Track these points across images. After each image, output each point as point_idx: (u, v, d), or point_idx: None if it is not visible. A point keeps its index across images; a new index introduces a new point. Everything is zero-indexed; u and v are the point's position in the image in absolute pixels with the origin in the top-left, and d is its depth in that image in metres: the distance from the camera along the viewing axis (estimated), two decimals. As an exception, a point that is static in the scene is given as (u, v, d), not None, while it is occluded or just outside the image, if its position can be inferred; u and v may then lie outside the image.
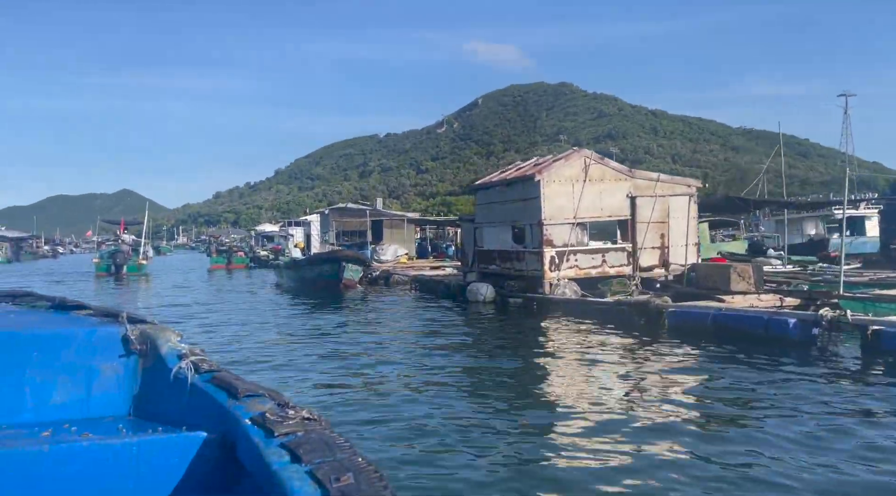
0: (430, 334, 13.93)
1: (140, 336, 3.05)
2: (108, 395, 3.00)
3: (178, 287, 29.40)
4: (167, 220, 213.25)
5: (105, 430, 2.62)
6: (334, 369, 10.33)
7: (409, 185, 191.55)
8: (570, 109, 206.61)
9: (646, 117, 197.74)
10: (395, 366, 10.50)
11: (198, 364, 2.81)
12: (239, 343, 13.41)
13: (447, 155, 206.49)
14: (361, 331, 14.74)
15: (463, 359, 11.45)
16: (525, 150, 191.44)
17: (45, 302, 3.90)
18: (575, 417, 7.24)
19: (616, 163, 17.35)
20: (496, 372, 10.13)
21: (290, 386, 8.98)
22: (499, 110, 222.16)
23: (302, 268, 24.93)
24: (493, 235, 19.05)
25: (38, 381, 2.88)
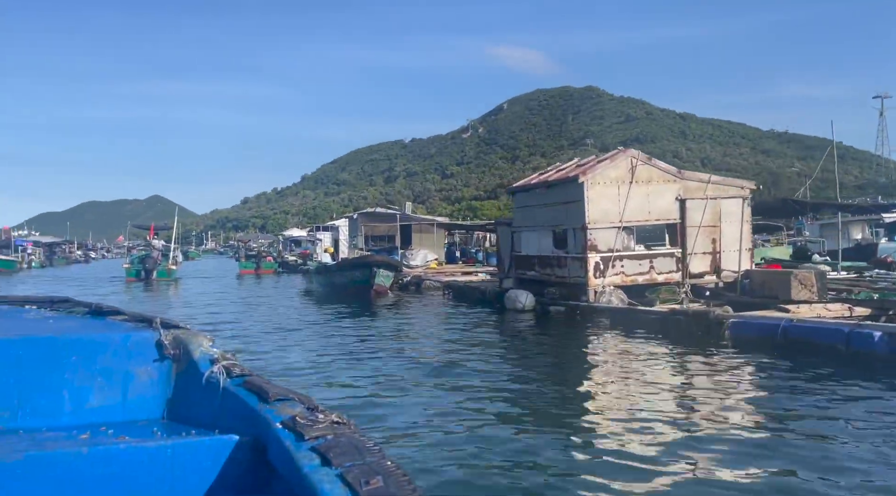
0: (467, 343, 13.15)
1: (173, 341, 3.11)
2: (142, 399, 3.05)
3: (207, 292, 28.99)
4: (196, 225, 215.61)
5: (140, 433, 2.67)
6: (366, 378, 9.79)
7: (435, 190, 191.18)
8: (596, 113, 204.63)
9: (674, 121, 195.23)
10: (430, 376, 9.88)
11: (229, 368, 2.84)
12: (270, 349, 12.85)
13: (472, 160, 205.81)
14: (394, 339, 14.03)
15: (502, 370, 10.70)
16: (551, 154, 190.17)
17: (82, 307, 3.94)
18: (626, 440, 6.39)
19: (664, 163, 16.42)
20: (538, 385, 9.38)
21: (322, 393, 8.34)
22: (524, 115, 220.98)
23: (332, 273, 24.30)
24: (533, 240, 18.20)
25: (76, 385, 2.94)
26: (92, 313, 3.81)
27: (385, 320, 17.43)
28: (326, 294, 24.45)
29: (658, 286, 15.90)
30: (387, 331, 15.27)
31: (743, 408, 7.72)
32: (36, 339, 2.98)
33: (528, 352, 12.31)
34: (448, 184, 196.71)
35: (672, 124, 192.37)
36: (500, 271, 20.27)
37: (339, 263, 25.00)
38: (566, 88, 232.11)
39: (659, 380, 9.35)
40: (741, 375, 9.42)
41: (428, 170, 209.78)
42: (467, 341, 13.41)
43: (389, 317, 18.25)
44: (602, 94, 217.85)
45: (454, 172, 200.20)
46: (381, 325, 16.23)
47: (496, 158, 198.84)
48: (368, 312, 19.77)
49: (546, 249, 17.56)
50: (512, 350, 12.66)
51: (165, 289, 32.85)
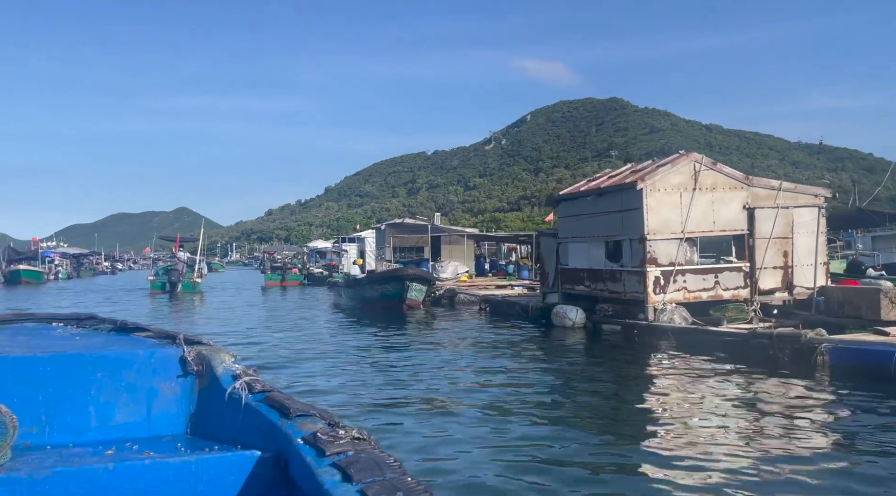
0: (514, 364, 11.81)
1: (197, 357, 3.16)
2: (167, 414, 3.08)
3: (232, 306, 27.87)
4: (221, 236, 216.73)
5: (164, 449, 2.71)
6: (405, 402, 8.85)
7: (457, 202, 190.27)
8: (620, 124, 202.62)
9: (700, 132, 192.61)
10: (474, 402, 8.75)
11: (251, 384, 2.86)
12: (299, 368, 11.68)
13: (495, 171, 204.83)
14: (432, 358, 12.69)
15: (553, 397, 9.44)
16: (574, 166, 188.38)
17: (108, 324, 3.98)
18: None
19: (730, 168, 14.92)
20: (597, 419, 8.11)
21: (360, 421, 7.15)
22: (547, 126, 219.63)
23: (363, 287, 23.02)
24: (581, 252, 16.76)
25: (101, 401, 2.99)
26: (117, 330, 3.85)
27: (421, 337, 16.07)
28: (356, 308, 23.19)
29: (724, 303, 14.37)
30: (424, 350, 13.94)
31: (851, 462, 6.18)
32: (63, 356, 3.00)
33: (582, 378, 10.88)
34: (471, 195, 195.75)
35: (698, 135, 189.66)
36: (543, 285, 18.83)
37: (369, 276, 23.69)
38: (589, 100, 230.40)
39: (740, 416, 7.91)
40: (845, 417, 7.84)
41: (451, 182, 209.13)
42: (514, 362, 12.04)
43: (425, 333, 16.89)
44: (626, 105, 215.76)
45: (477, 184, 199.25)
46: (416, 343, 14.89)
47: (519, 170, 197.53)
48: (402, 328, 18.43)
49: (597, 262, 16.10)
50: (565, 374, 11.25)
51: (190, 302, 31.86)
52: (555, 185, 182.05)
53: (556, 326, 16.43)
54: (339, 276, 43.77)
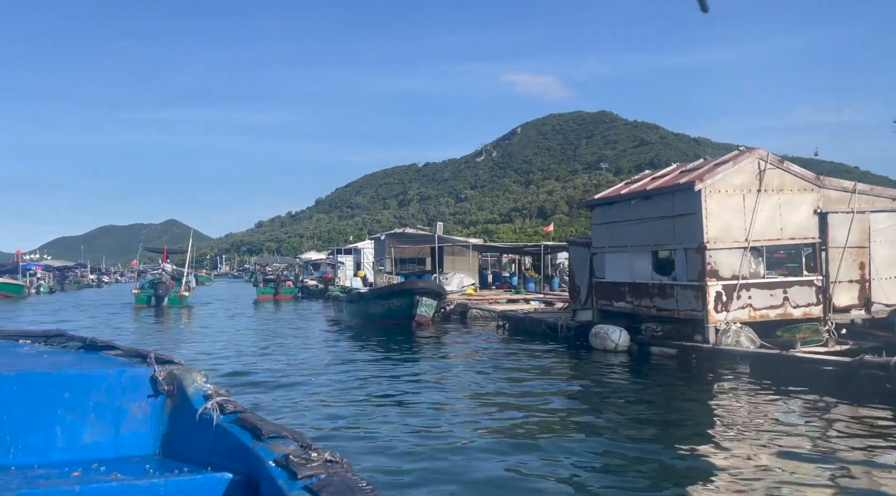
0: (558, 405, 9.69)
1: (168, 377, 3.05)
2: (136, 435, 3.00)
3: (222, 322, 25.50)
4: (210, 248, 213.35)
5: (133, 470, 2.63)
6: (426, 439, 7.47)
7: (448, 214, 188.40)
8: (609, 137, 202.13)
9: (689, 145, 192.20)
10: (507, 443, 7.32)
11: (223, 404, 2.78)
12: (300, 398, 9.77)
13: (486, 183, 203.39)
14: (452, 387, 10.60)
15: (603, 442, 7.47)
16: (565, 178, 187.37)
17: (76, 342, 3.90)
18: None
19: (798, 167, 12.93)
20: (659, 470, 6.27)
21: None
22: (538, 139, 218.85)
23: (367, 302, 20.78)
24: (621, 263, 14.67)
25: (68, 421, 2.90)
26: (86, 348, 3.76)
27: (436, 363, 13.88)
28: (359, 325, 20.95)
29: (793, 323, 12.32)
30: (440, 376, 11.83)
31: None
32: (29, 375, 2.93)
33: (637, 415, 8.83)
34: (462, 207, 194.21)
35: (687, 148, 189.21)
36: (573, 301, 16.70)
37: (374, 290, 21.43)
38: (579, 113, 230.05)
39: (850, 468, 5.89)
40: None
41: (442, 193, 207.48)
42: (556, 399, 9.93)
43: (440, 358, 14.68)
44: (615, 118, 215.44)
45: (468, 196, 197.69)
46: (431, 371, 12.74)
47: (510, 182, 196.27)
48: (413, 351, 16.24)
49: (642, 275, 14.01)
50: (614, 409, 9.22)
51: (177, 317, 29.48)
52: (545, 198, 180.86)
53: (594, 349, 14.31)
54: (337, 290, 41.47)
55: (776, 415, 8.53)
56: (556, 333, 16.22)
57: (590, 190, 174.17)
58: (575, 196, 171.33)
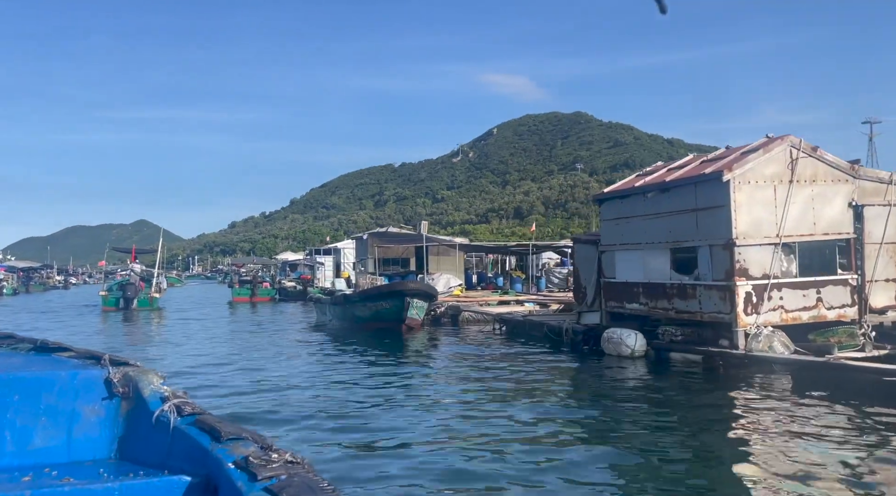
0: (566, 413, 8.55)
1: (123, 378, 2.97)
2: (90, 439, 2.91)
3: (196, 325, 23.83)
4: (183, 249, 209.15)
5: (87, 475, 2.56)
6: (434, 465, 6.41)
7: (425, 214, 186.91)
8: (585, 138, 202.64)
9: (662, 146, 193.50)
10: (521, 467, 6.35)
11: (181, 406, 2.70)
12: (289, 416, 8.36)
13: (462, 184, 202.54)
14: (457, 401, 9.30)
15: (634, 460, 6.47)
16: (541, 178, 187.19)
17: (27, 344, 3.79)
18: None
19: (831, 155, 11.86)
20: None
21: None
22: (514, 139, 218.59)
23: (354, 304, 19.35)
24: (634, 262, 13.49)
25: (18, 425, 2.81)
26: (37, 350, 3.64)
27: (432, 371, 12.56)
28: (344, 329, 19.52)
29: (827, 326, 11.24)
30: (442, 387, 10.55)
31: None
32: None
33: (665, 430, 7.72)
34: (439, 208, 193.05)
35: (660, 149, 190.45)
36: (578, 303, 15.48)
37: (362, 292, 19.99)
38: (555, 114, 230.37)
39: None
40: None
41: (418, 194, 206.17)
42: (564, 405, 8.78)
43: (436, 366, 13.34)
44: (590, 119, 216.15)
45: (445, 196, 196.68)
46: (428, 382, 11.47)
47: (486, 183, 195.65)
48: (405, 357, 14.92)
49: (659, 274, 12.84)
50: (638, 425, 8.07)
51: (147, 320, 27.73)
52: (522, 198, 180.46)
53: (605, 355, 13.10)
54: (316, 291, 39.89)
55: (824, 431, 7.39)
56: (561, 338, 14.99)
57: (565, 190, 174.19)
58: (551, 197, 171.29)
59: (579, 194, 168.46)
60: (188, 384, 10.45)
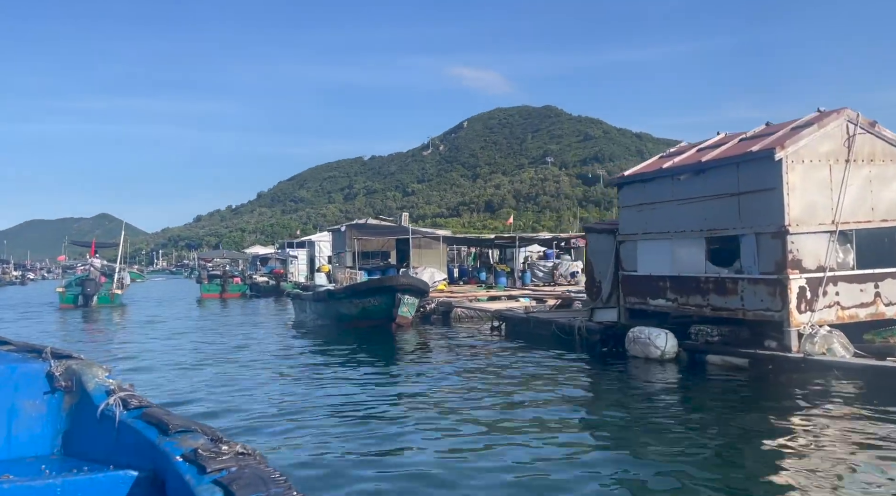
0: (594, 429, 7.09)
1: (65, 372, 2.89)
2: (31, 434, 2.82)
3: (162, 323, 21.75)
4: (146, 243, 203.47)
5: (28, 471, 2.48)
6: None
7: (396, 208, 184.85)
8: (555, 132, 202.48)
9: (631, 140, 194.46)
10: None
11: (127, 400, 2.60)
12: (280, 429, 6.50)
13: (433, 177, 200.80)
14: (459, 423, 7.67)
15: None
16: (512, 172, 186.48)
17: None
18: None
19: (891, 132, 10.54)
20: None
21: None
22: (484, 133, 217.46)
23: (338, 301, 17.57)
24: (661, 253, 12.02)
25: None
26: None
27: (433, 378, 10.92)
28: (327, 328, 17.75)
29: (886, 325, 9.93)
30: (444, 401, 8.94)
31: None
32: None
33: (714, 451, 6.24)
34: (409, 201, 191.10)
35: (629, 143, 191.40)
36: (591, 298, 13.99)
37: (348, 287, 18.17)
38: (525, 107, 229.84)
39: None
40: None
41: (388, 187, 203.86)
42: (589, 418, 7.25)
43: (432, 372, 11.70)
44: (560, 113, 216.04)
45: (415, 190, 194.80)
46: (425, 386, 9.90)
47: (457, 176, 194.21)
48: (398, 361, 13.26)
49: (691, 267, 11.39)
50: (683, 444, 6.61)
51: (108, 318, 25.54)
52: (493, 192, 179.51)
53: (629, 357, 11.62)
54: (290, 286, 37.86)
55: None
56: (572, 337, 13.48)
57: (536, 184, 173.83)
58: (522, 190, 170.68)
59: (550, 188, 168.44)
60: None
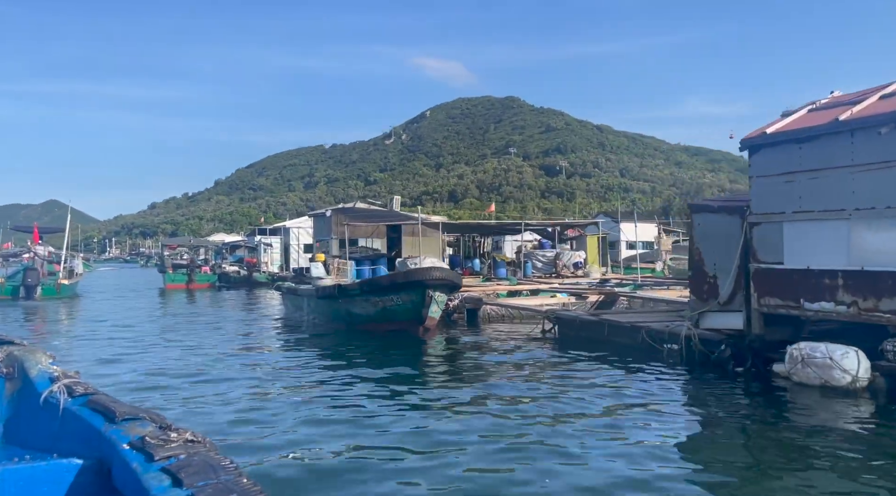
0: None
1: (6, 358, 2.80)
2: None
3: (118, 320, 17.47)
4: (98, 231, 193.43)
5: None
6: None
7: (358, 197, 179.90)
8: (517, 123, 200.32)
9: (592, 132, 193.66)
10: None
11: (72, 387, 2.49)
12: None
13: (396, 166, 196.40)
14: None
15: None
16: (475, 162, 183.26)
17: None
18: None
19: None
20: None
21: None
22: (447, 123, 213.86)
23: (351, 298, 13.64)
24: (829, 238, 8.63)
25: None
26: None
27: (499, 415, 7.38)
28: (333, 331, 13.96)
29: None
30: (534, 459, 5.43)
31: None
32: None
33: None
34: (371, 190, 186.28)
35: (591, 135, 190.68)
36: (700, 298, 10.56)
37: (366, 282, 14.04)
38: (487, 98, 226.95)
39: None
40: None
41: (350, 176, 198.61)
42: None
43: (493, 392, 8.13)
44: (523, 104, 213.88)
45: (378, 179, 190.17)
46: (501, 434, 6.36)
47: (420, 165, 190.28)
48: (442, 379, 9.63)
49: (882, 258, 8.04)
50: None
51: (54, 313, 21.18)
52: (456, 182, 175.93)
53: (797, 384, 8.24)
54: (261, 277, 33.65)
55: None
56: (674, 349, 10.06)
57: (499, 174, 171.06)
58: (485, 180, 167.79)
59: (513, 178, 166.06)
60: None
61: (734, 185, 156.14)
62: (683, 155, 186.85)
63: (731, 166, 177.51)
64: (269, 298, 26.25)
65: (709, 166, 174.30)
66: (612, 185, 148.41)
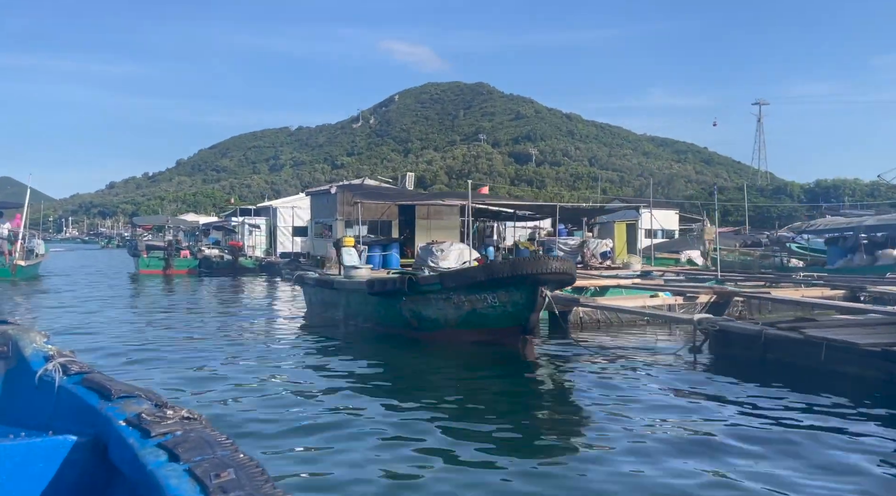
0: None
1: (1, 337, 2.77)
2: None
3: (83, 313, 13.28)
4: (54, 210, 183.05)
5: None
6: None
7: (325, 181, 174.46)
8: (487, 109, 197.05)
9: (561, 120, 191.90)
10: None
11: (67, 365, 2.48)
12: None
13: (363, 151, 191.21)
14: None
15: None
16: (444, 148, 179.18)
17: None
18: None
19: None
20: None
21: None
22: (416, 107, 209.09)
23: (423, 296, 9.71)
24: None
25: None
26: None
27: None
28: (390, 339, 10.23)
29: None
30: None
31: None
32: None
33: None
34: (339, 175, 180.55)
35: (560, 123, 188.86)
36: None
37: (449, 275, 9.79)
38: (457, 83, 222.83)
39: None
40: None
41: (317, 159, 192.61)
42: None
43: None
44: (492, 90, 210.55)
45: (345, 163, 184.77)
46: None
47: (388, 150, 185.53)
48: (582, 437, 6.03)
49: None
50: None
51: (7, 299, 16.88)
52: (425, 167, 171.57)
53: None
54: (248, 262, 29.42)
55: None
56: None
57: (469, 161, 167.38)
58: (454, 167, 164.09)
59: (483, 165, 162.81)
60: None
61: (700, 176, 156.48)
62: (650, 145, 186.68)
63: (697, 158, 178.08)
64: (262, 288, 22.26)
65: (675, 157, 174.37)
66: (582, 174, 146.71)
